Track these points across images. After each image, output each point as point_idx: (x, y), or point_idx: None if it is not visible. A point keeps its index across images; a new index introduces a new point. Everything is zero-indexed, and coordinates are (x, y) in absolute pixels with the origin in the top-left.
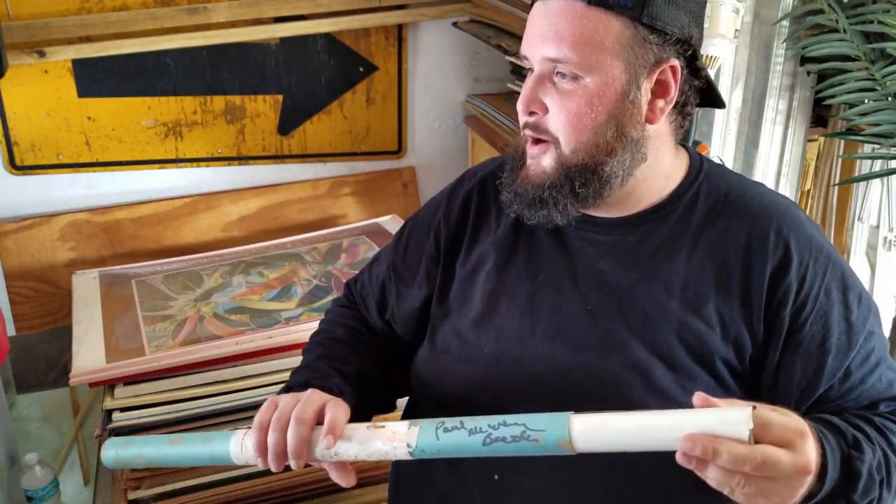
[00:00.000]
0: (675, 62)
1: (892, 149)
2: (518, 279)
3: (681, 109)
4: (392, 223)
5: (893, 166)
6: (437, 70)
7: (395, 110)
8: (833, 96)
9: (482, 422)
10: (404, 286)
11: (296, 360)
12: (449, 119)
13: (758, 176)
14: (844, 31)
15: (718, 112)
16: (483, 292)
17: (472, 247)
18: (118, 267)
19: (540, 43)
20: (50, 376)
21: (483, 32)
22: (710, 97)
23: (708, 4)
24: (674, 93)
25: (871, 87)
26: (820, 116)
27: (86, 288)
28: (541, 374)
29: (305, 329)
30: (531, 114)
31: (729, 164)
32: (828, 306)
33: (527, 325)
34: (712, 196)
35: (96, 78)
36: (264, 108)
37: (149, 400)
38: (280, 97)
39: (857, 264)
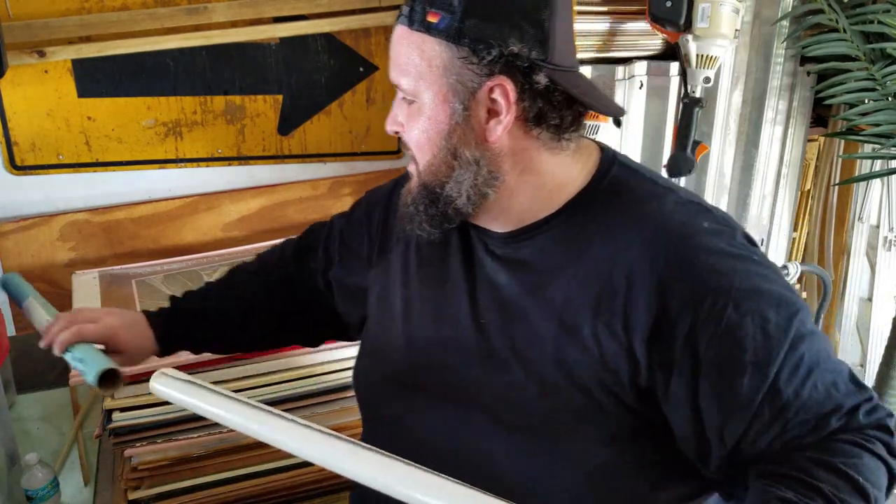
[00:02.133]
0: (504, 80)
1: (893, 149)
2: (430, 285)
3: (543, 123)
4: None
5: (893, 166)
6: None
7: None
8: (833, 96)
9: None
10: (349, 261)
11: (296, 359)
12: None
13: (757, 176)
14: (844, 30)
15: (718, 112)
16: (401, 295)
17: (394, 248)
18: (118, 267)
19: (390, 66)
20: (50, 376)
21: None
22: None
23: (708, 4)
24: (507, 111)
25: (871, 87)
26: (820, 116)
27: (86, 288)
28: (435, 383)
29: None
30: (395, 132)
31: (729, 164)
32: (737, 321)
33: (430, 334)
34: (607, 207)
35: (96, 78)
36: (264, 108)
37: (149, 400)
38: (280, 97)
39: (858, 264)
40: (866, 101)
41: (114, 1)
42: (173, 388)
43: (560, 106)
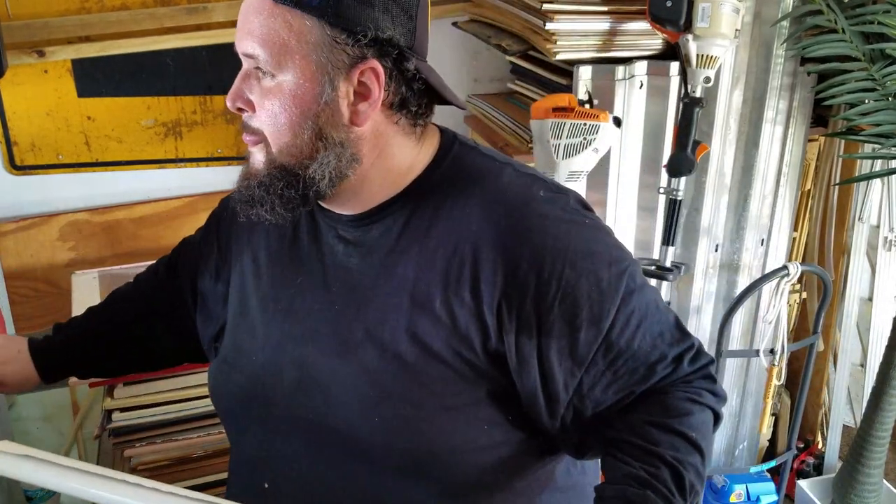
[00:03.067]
0: (375, 63)
1: (893, 149)
2: (283, 282)
3: (404, 109)
4: None
5: (893, 166)
6: (436, 70)
7: None
8: (833, 96)
9: None
10: (206, 272)
11: None
12: (449, 119)
13: (758, 176)
14: (844, 31)
15: (719, 112)
16: (256, 298)
17: (244, 251)
18: (118, 267)
19: (239, 38)
20: None
21: (483, 32)
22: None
23: (708, 4)
24: (377, 95)
25: (872, 88)
26: (820, 116)
27: (86, 288)
28: (294, 379)
29: None
30: (239, 110)
31: (729, 164)
32: (574, 281)
33: (287, 330)
34: (450, 184)
35: (96, 78)
36: None
37: (148, 400)
38: None
39: (858, 264)
40: (866, 101)
41: (114, 1)
42: (7, 464)
43: (419, 94)
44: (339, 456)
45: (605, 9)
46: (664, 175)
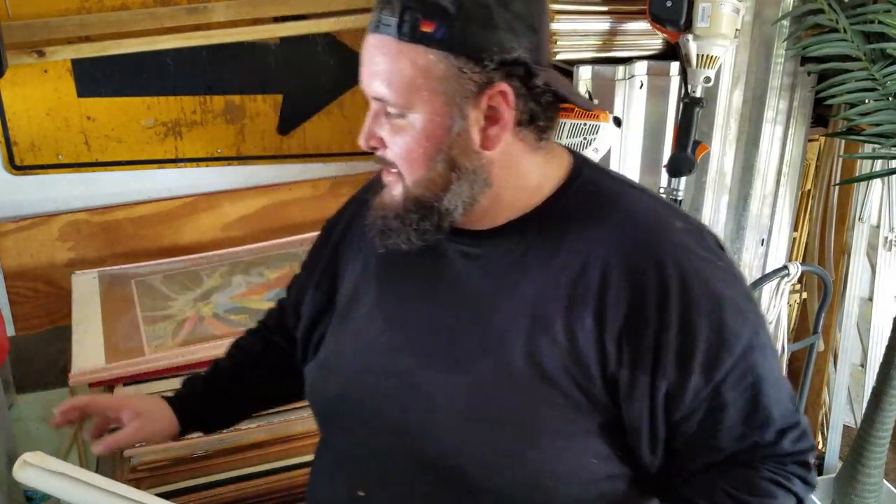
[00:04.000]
0: (504, 86)
1: (893, 149)
2: (392, 290)
3: (532, 124)
4: None
5: (894, 166)
6: None
7: None
8: (833, 96)
9: None
10: (307, 285)
11: None
12: None
13: (758, 176)
14: (845, 30)
15: (719, 112)
16: (363, 305)
17: (359, 255)
18: (118, 267)
19: (365, 80)
20: (49, 376)
21: None
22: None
23: (709, 4)
24: (507, 117)
25: (872, 87)
26: (820, 116)
27: (85, 288)
28: (394, 388)
29: None
30: (372, 147)
31: (729, 164)
32: (696, 323)
33: (391, 338)
34: (581, 206)
35: (96, 78)
36: (264, 107)
37: None
38: (280, 97)
39: (858, 264)
40: (867, 101)
41: (113, 1)
42: (38, 477)
43: (547, 106)
44: (435, 470)
45: (605, 9)
46: (664, 175)
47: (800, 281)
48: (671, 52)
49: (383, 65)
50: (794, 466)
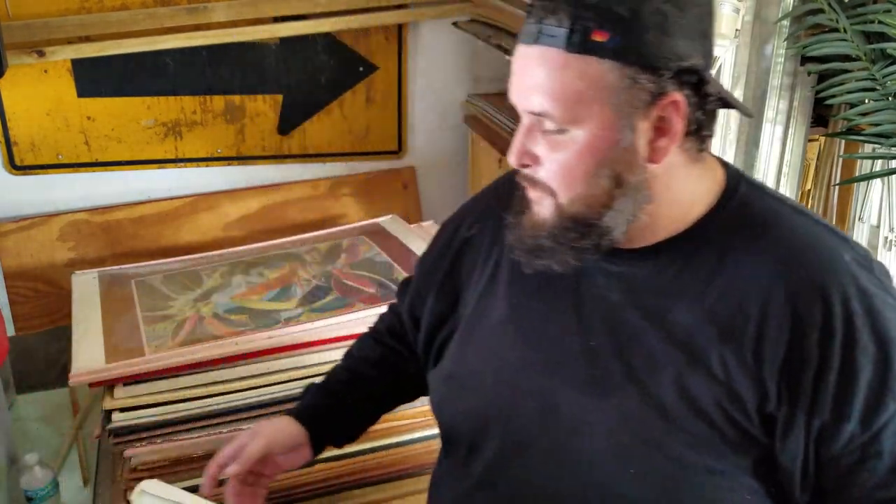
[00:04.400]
0: (677, 96)
1: (893, 149)
2: (525, 305)
3: (697, 134)
4: (392, 223)
5: (894, 166)
6: (437, 70)
7: (395, 110)
8: (834, 96)
9: None
10: (426, 291)
11: (295, 359)
12: (449, 119)
13: (758, 176)
14: (845, 30)
15: (719, 112)
16: (492, 317)
17: (486, 263)
18: (118, 267)
19: (522, 94)
20: (49, 376)
21: (483, 32)
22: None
23: None
24: (679, 129)
25: (872, 87)
26: (820, 116)
27: (85, 288)
28: (536, 409)
29: (305, 329)
30: (524, 165)
31: None
32: (859, 365)
33: (528, 356)
34: (738, 229)
35: (96, 78)
36: (264, 107)
37: (148, 400)
38: (280, 97)
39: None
40: (867, 101)
41: (113, 1)
42: None
43: (710, 115)
44: (579, 492)
45: None
46: None
47: None
48: None
49: (546, 78)
50: None
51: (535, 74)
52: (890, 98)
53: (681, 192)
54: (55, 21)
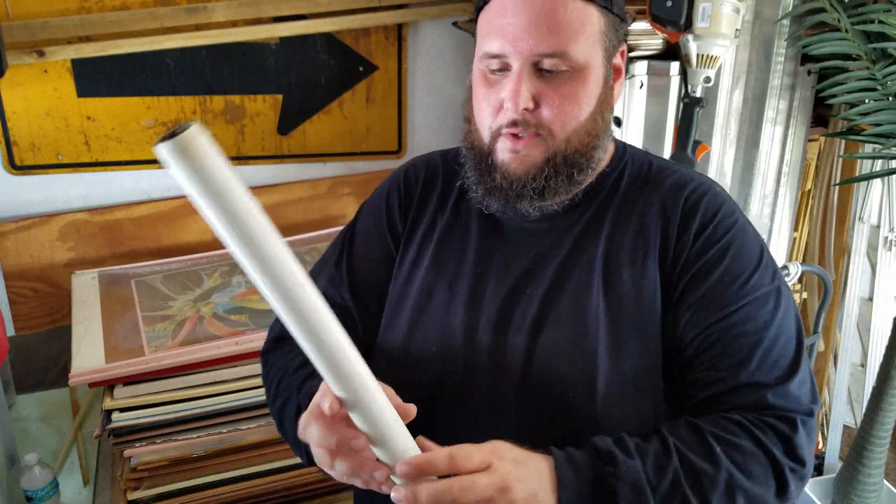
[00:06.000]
0: (624, 46)
1: (893, 149)
2: (458, 271)
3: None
4: None
5: (894, 166)
6: (437, 70)
7: (395, 110)
8: (834, 96)
9: None
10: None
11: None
12: (449, 119)
13: (758, 176)
14: (846, 30)
15: (719, 112)
16: (421, 287)
17: (411, 240)
18: (117, 267)
19: (526, 37)
20: (49, 376)
21: None
22: None
23: (709, 4)
24: (624, 73)
25: (872, 87)
26: (820, 116)
27: (85, 288)
28: (483, 367)
29: None
30: (525, 109)
31: (729, 164)
32: (724, 257)
33: (470, 319)
34: (636, 172)
35: (96, 78)
36: (264, 107)
37: (148, 400)
38: (280, 97)
39: (858, 264)
40: (867, 100)
41: (113, 1)
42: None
43: None
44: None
45: None
46: None
47: (800, 281)
48: (671, 51)
49: (555, 20)
50: (776, 421)
51: (546, 16)
52: (890, 98)
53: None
54: (55, 21)
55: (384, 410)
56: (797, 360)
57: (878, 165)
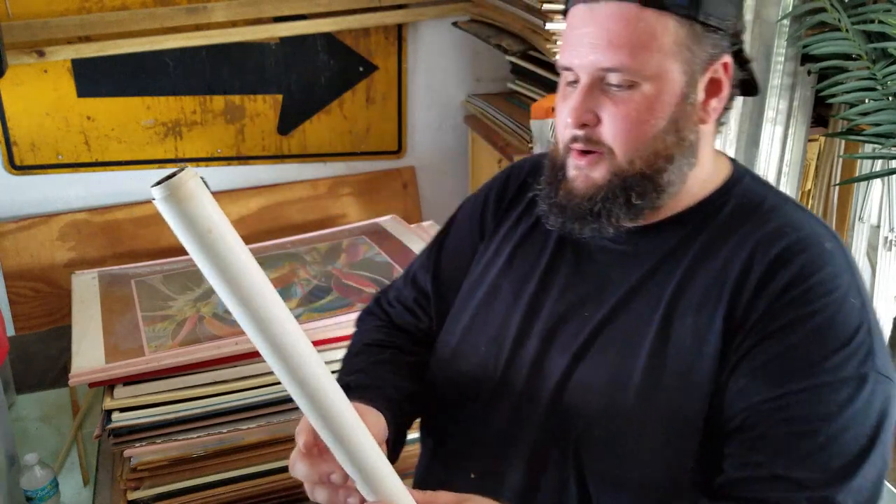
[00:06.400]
0: (728, 58)
1: (893, 149)
2: (527, 276)
3: (727, 101)
4: (392, 223)
5: (894, 166)
6: (437, 70)
7: (394, 110)
8: (834, 95)
9: None
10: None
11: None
12: (449, 119)
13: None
14: (846, 30)
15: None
16: (489, 285)
17: (493, 238)
18: (118, 267)
19: (590, 51)
20: (49, 376)
21: (483, 32)
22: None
23: None
24: (725, 92)
25: (872, 87)
26: (820, 116)
27: (85, 288)
28: (519, 377)
29: (305, 329)
30: (583, 125)
31: None
32: (802, 327)
33: (524, 326)
34: (741, 206)
35: (96, 78)
36: (264, 107)
37: (148, 400)
38: (280, 97)
39: (858, 264)
40: (867, 100)
41: (113, 1)
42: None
43: (738, 87)
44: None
45: None
46: None
47: None
48: None
49: (622, 33)
50: None
51: (609, 29)
52: (890, 98)
53: (703, 167)
54: (55, 21)
55: (363, 449)
56: (856, 465)
57: (878, 165)
